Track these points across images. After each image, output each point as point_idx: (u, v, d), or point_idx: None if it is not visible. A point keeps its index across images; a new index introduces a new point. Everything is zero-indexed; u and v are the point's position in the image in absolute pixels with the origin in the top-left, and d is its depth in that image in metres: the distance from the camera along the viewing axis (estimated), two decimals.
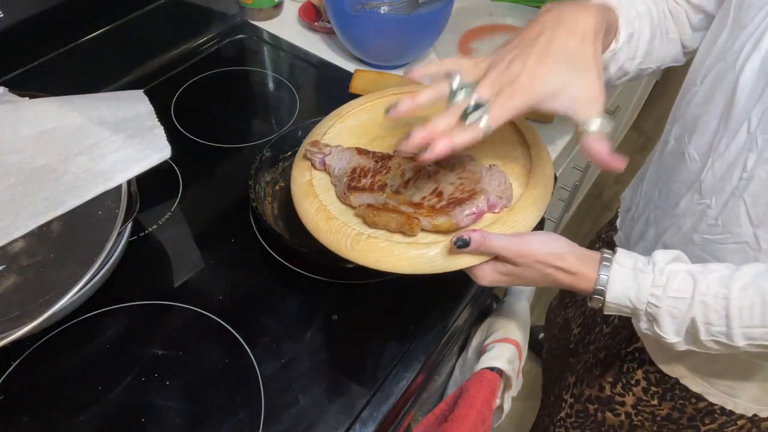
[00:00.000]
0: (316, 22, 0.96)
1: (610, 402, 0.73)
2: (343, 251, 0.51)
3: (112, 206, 0.56)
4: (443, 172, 0.54)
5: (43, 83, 0.73)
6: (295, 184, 0.58)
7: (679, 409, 0.66)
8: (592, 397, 0.75)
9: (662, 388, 0.66)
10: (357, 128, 0.63)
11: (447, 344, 0.62)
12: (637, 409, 0.70)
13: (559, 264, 0.48)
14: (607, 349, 0.73)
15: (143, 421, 0.52)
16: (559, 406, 0.84)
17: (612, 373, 0.71)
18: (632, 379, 0.69)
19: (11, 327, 0.47)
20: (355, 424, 0.53)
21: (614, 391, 0.71)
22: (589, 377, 0.76)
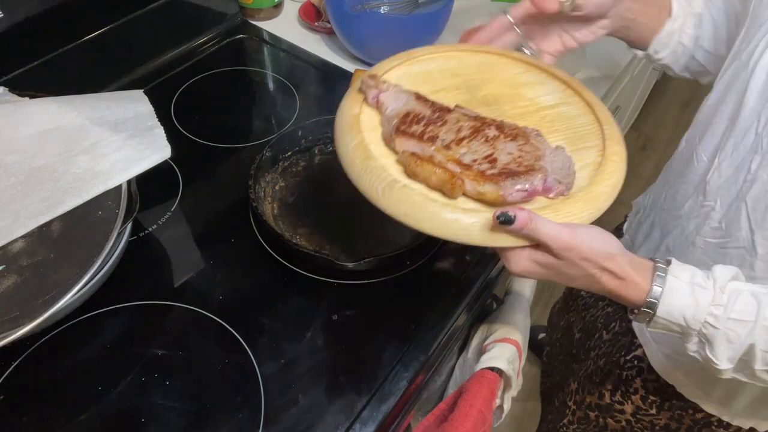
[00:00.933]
0: (316, 22, 0.96)
1: (610, 409, 0.72)
2: (372, 196, 0.47)
3: (112, 206, 0.56)
4: (504, 139, 0.48)
5: (43, 83, 0.73)
6: (341, 116, 0.53)
7: (677, 419, 0.65)
8: (593, 404, 0.75)
9: (660, 398, 0.65)
10: (422, 75, 0.58)
11: (447, 344, 0.62)
12: (636, 417, 0.69)
13: (607, 265, 0.43)
14: (606, 357, 0.73)
15: (143, 421, 0.52)
16: (563, 412, 0.83)
17: (611, 381, 0.70)
18: (631, 388, 0.68)
19: (11, 327, 0.47)
20: (355, 424, 0.53)
21: (614, 398, 0.71)
22: (589, 384, 0.76)
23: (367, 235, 0.67)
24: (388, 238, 0.67)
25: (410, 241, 0.64)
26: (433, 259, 0.66)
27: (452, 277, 0.64)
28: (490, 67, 0.59)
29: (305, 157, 0.75)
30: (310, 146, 0.75)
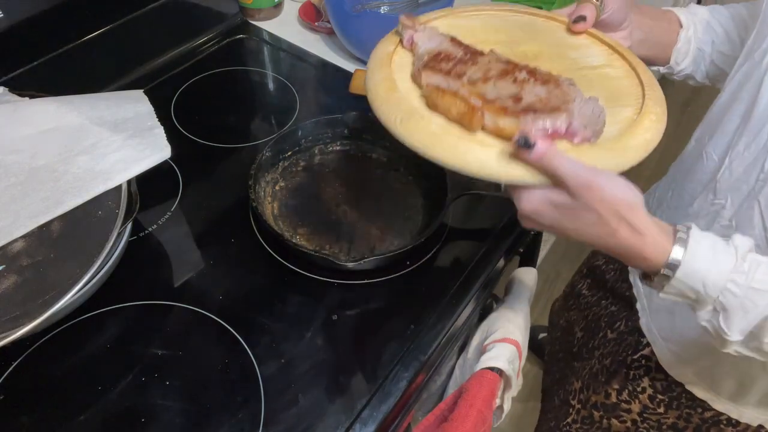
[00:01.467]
0: (316, 22, 0.96)
1: (616, 409, 0.72)
2: (391, 124, 0.47)
3: (112, 206, 0.56)
4: (534, 83, 0.47)
5: (43, 83, 0.73)
6: (374, 53, 0.54)
7: (686, 418, 0.65)
8: (598, 403, 0.74)
9: (668, 396, 0.65)
10: (464, 28, 0.56)
11: (447, 344, 0.62)
12: (643, 416, 0.69)
13: (627, 215, 0.40)
14: (612, 356, 0.72)
15: (143, 421, 0.52)
16: (566, 411, 0.83)
17: (618, 380, 0.70)
18: (638, 387, 0.68)
19: (11, 327, 0.47)
20: (355, 424, 0.53)
21: (620, 398, 0.70)
22: (595, 383, 0.75)
23: (367, 235, 0.67)
24: (388, 237, 0.67)
25: (410, 241, 0.64)
26: (433, 259, 0.66)
27: (452, 276, 0.64)
28: (534, 28, 0.58)
29: (305, 157, 0.75)
30: (310, 146, 0.75)
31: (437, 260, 0.66)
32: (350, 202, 0.70)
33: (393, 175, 0.74)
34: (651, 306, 0.66)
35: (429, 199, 0.71)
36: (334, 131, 0.75)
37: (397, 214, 0.69)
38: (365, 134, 0.75)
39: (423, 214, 0.70)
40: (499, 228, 0.69)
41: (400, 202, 0.71)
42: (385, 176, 0.74)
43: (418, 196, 0.72)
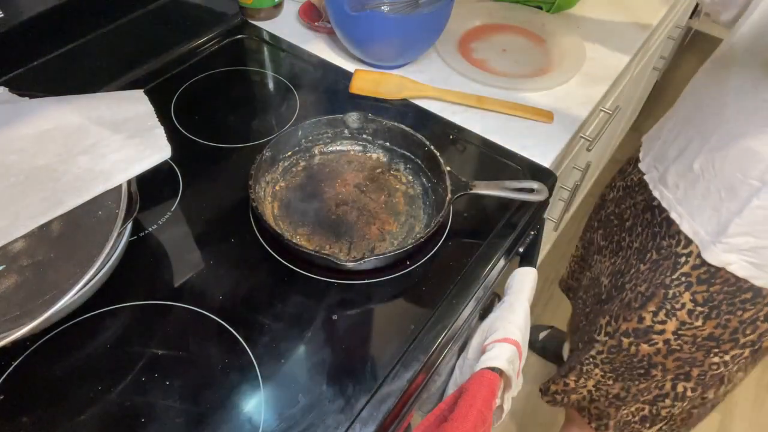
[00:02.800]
0: (316, 22, 0.96)
1: (648, 332, 0.76)
2: None
3: (112, 206, 0.56)
4: None
5: (43, 83, 0.73)
6: None
7: (723, 325, 0.70)
8: (630, 330, 0.78)
9: (709, 307, 0.70)
10: None
11: (447, 344, 0.62)
12: (677, 334, 0.74)
13: None
14: (648, 281, 0.77)
15: (143, 421, 0.52)
16: (590, 347, 0.87)
17: (655, 302, 0.74)
18: (677, 304, 0.72)
19: (11, 327, 0.47)
20: (355, 424, 0.53)
21: (655, 319, 0.75)
22: (626, 312, 0.79)
23: (367, 235, 0.67)
24: (388, 238, 0.67)
25: (410, 241, 0.64)
26: (433, 259, 0.66)
27: (452, 276, 0.64)
28: None
29: (305, 157, 0.75)
30: (310, 146, 0.75)
31: (437, 260, 0.66)
32: (350, 202, 0.70)
33: (393, 175, 0.74)
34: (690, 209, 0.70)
35: (429, 199, 0.71)
36: (334, 131, 0.75)
37: (397, 214, 0.69)
38: (365, 134, 0.75)
39: (423, 214, 0.70)
40: (499, 228, 0.69)
41: (400, 202, 0.71)
42: (385, 176, 0.74)
43: (418, 196, 0.72)
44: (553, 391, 0.97)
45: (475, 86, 0.88)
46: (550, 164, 0.77)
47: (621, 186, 0.89)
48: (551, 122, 0.83)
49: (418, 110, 0.84)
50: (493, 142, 0.79)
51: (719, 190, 0.66)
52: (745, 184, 0.63)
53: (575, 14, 1.05)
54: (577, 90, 0.89)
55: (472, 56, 0.95)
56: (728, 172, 0.64)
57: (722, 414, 1.51)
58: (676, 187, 0.72)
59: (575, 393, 0.94)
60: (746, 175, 0.62)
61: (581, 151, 1.09)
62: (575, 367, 0.91)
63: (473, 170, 0.77)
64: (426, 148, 0.71)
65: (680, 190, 0.72)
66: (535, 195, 0.68)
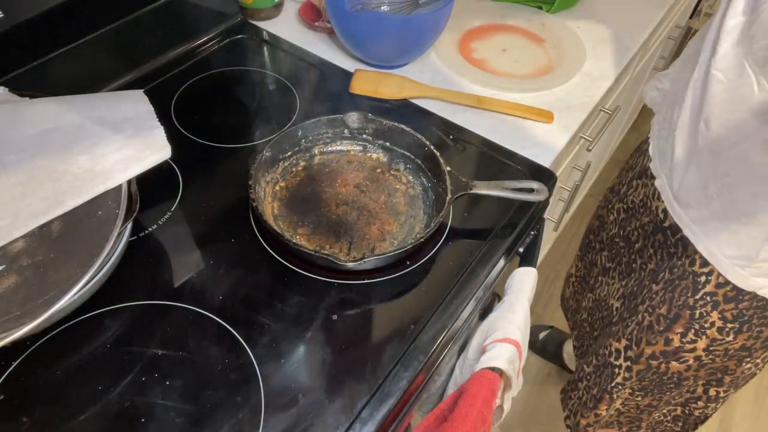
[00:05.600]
0: (316, 22, 0.96)
1: (678, 352, 0.75)
2: None
3: (112, 206, 0.56)
4: None
5: (43, 83, 0.73)
6: None
7: (755, 336, 0.69)
8: (656, 353, 0.77)
9: (739, 322, 0.68)
10: None
11: (447, 344, 0.62)
12: (708, 350, 0.72)
13: None
14: (667, 303, 0.74)
15: (143, 421, 0.52)
16: (611, 374, 0.85)
17: (681, 324, 0.72)
18: (706, 323, 0.70)
19: (11, 327, 0.47)
20: (355, 424, 0.53)
21: (684, 340, 0.73)
22: (649, 335, 0.77)
23: (367, 235, 0.67)
24: (388, 238, 0.67)
25: (410, 241, 0.64)
26: (433, 259, 0.66)
27: (452, 276, 0.64)
28: None
29: (305, 157, 0.75)
30: (310, 146, 0.75)
31: (437, 260, 0.66)
32: (350, 202, 0.70)
33: (393, 175, 0.74)
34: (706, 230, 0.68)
35: (429, 199, 0.71)
36: (334, 131, 0.75)
37: (397, 214, 0.69)
38: (365, 134, 0.75)
39: (423, 214, 0.70)
40: (499, 228, 0.69)
41: (400, 202, 0.71)
42: (385, 176, 0.74)
43: (418, 196, 0.72)
44: (585, 425, 0.95)
45: (475, 86, 0.88)
46: (550, 164, 0.77)
47: (621, 208, 0.87)
48: (551, 122, 0.83)
49: (418, 110, 0.84)
50: (493, 142, 0.79)
51: (738, 216, 0.63)
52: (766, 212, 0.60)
53: (575, 14, 1.05)
54: (577, 90, 0.89)
55: (472, 56, 0.95)
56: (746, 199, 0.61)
57: (722, 414, 1.51)
58: (689, 206, 0.69)
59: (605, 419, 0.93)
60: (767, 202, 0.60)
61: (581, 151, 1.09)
62: (603, 397, 0.88)
63: (473, 170, 0.77)
64: (426, 148, 0.71)
65: (693, 210, 0.69)
66: (535, 195, 0.68)
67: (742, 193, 0.61)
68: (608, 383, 0.85)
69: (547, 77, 0.90)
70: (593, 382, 0.90)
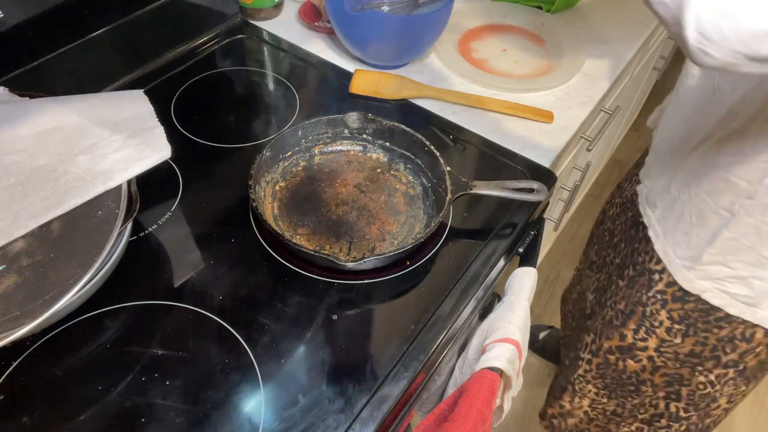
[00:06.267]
0: (316, 22, 0.96)
1: (632, 349, 0.77)
2: None
3: (112, 206, 0.56)
4: None
5: (43, 83, 0.73)
6: None
7: (702, 342, 0.70)
8: (613, 348, 0.79)
9: (685, 324, 0.70)
10: None
11: (447, 344, 0.62)
12: (659, 351, 0.74)
13: None
14: (626, 299, 0.77)
15: (143, 421, 0.52)
16: (575, 365, 0.87)
17: (634, 320, 0.75)
18: (655, 321, 0.72)
19: (11, 327, 0.47)
20: (355, 424, 0.53)
21: (636, 337, 0.75)
22: (608, 330, 0.80)
23: (367, 235, 0.67)
24: (388, 237, 0.67)
25: (410, 241, 0.64)
26: (433, 259, 0.66)
27: (452, 276, 0.64)
28: None
29: (305, 157, 0.75)
30: (310, 146, 0.75)
31: (437, 260, 0.66)
32: (350, 202, 0.70)
33: (393, 175, 0.74)
34: (665, 230, 0.70)
35: (429, 199, 0.71)
36: (334, 131, 0.75)
37: (397, 214, 0.69)
38: (365, 134, 0.75)
39: (423, 214, 0.70)
40: (499, 228, 0.69)
41: (400, 202, 0.71)
42: (385, 176, 0.74)
43: (418, 196, 0.72)
44: (551, 414, 0.97)
45: (475, 86, 0.88)
46: (550, 164, 0.77)
47: (619, 203, 0.89)
48: (551, 122, 0.83)
49: (418, 110, 0.84)
50: (493, 142, 0.79)
51: (691, 215, 0.65)
52: (714, 213, 0.62)
53: (575, 14, 1.05)
54: (577, 90, 0.89)
55: (472, 56, 0.95)
56: (699, 199, 0.63)
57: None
58: (655, 206, 0.72)
59: (572, 416, 0.94)
60: (716, 203, 0.61)
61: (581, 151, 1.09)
62: (566, 387, 0.91)
63: (473, 170, 0.77)
64: (426, 148, 0.71)
65: (659, 210, 0.71)
66: (535, 195, 0.68)
67: (697, 193, 0.63)
68: (572, 374, 0.88)
69: (547, 77, 0.90)
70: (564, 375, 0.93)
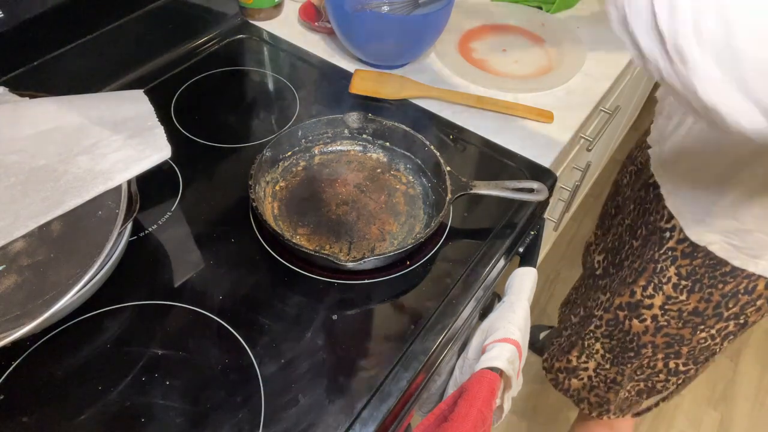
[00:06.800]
0: (316, 22, 0.96)
1: (638, 307, 0.79)
2: None
3: (112, 206, 0.56)
4: None
5: (43, 83, 0.73)
6: None
7: (706, 299, 0.72)
8: (623, 304, 0.81)
9: (692, 280, 0.72)
10: None
11: (447, 344, 0.62)
12: (664, 309, 0.76)
13: None
14: (640, 258, 0.79)
15: (143, 421, 0.52)
16: (588, 322, 0.90)
17: (645, 277, 0.77)
18: (664, 278, 0.75)
19: (11, 327, 0.47)
20: (355, 424, 0.53)
21: (644, 293, 0.77)
22: (621, 287, 0.82)
23: (367, 235, 0.67)
24: (388, 237, 0.67)
25: (410, 241, 0.64)
26: (433, 259, 0.66)
27: (452, 276, 0.64)
28: None
29: (305, 157, 0.75)
30: (310, 146, 0.75)
31: (437, 260, 0.66)
32: (350, 202, 0.70)
33: (393, 175, 0.74)
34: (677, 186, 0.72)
35: (429, 199, 0.71)
36: (334, 131, 0.75)
37: (397, 214, 0.69)
38: (365, 134, 0.75)
39: (423, 214, 0.70)
40: (499, 228, 0.69)
41: (400, 202, 0.71)
42: (385, 176, 0.74)
43: (418, 196, 0.72)
44: (557, 368, 0.98)
45: (475, 86, 0.88)
46: (550, 164, 0.77)
47: (633, 170, 0.91)
48: (551, 122, 0.83)
49: (418, 110, 0.84)
50: (493, 142, 0.79)
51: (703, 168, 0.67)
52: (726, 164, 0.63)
53: (575, 14, 1.05)
54: (577, 90, 0.89)
55: (472, 56, 0.95)
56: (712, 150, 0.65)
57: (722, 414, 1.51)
58: (668, 164, 0.74)
59: (576, 376, 0.95)
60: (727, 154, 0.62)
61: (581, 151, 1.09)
62: (577, 342, 0.92)
63: (473, 170, 0.77)
64: (426, 148, 0.71)
65: (671, 167, 0.73)
66: (535, 195, 0.68)
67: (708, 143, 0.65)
68: (584, 330, 0.90)
69: (547, 77, 0.90)
70: (574, 330, 0.95)
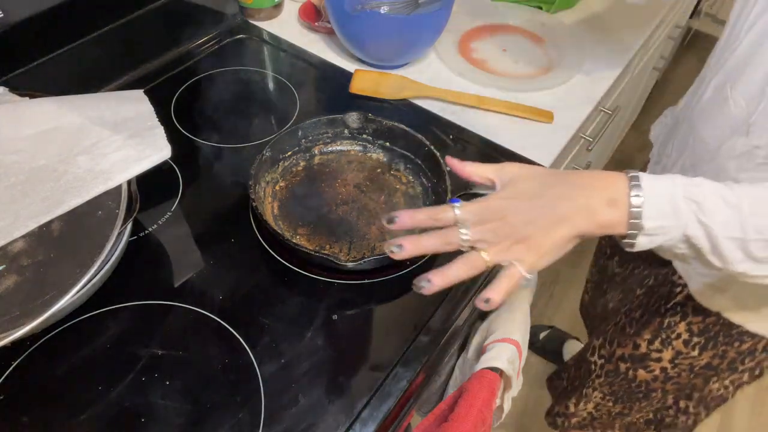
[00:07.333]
0: (316, 22, 0.96)
1: (645, 359, 0.75)
2: None
3: (112, 206, 0.56)
4: None
5: (43, 83, 0.73)
6: None
7: (720, 355, 0.68)
8: (626, 356, 0.78)
9: (705, 337, 0.68)
10: None
11: (447, 344, 0.62)
12: (674, 363, 0.73)
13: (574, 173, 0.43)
14: (643, 308, 0.75)
15: (143, 421, 0.52)
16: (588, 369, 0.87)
17: (650, 330, 0.73)
18: (673, 333, 0.71)
19: (11, 327, 0.47)
20: (355, 424, 0.53)
21: (651, 347, 0.74)
22: (621, 337, 0.79)
23: (367, 235, 0.67)
24: (388, 237, 0.67)
25: None
26: (433, 259, 0.66)
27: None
28: None
29: (305, 157, 0.75)
30: (310, 146, 0.75)
31: (437, 260, 0.66)
32: (350, 202, 0.70)
33: (393, 175, 0.74)
34: None
35: (429, 199, 0.71)
36: (334, 131, 0.75)
37: None
38: (365, 134, 0.75)
39: None
40: None
41: (400, 202, 0.71)
42: (385, 176, 0.74)
43: (418, 196, 0.72)
44: (555, 412, 0.97)
45: (475, 86, 0.88)
46: (550, 164, 0.77)
47: None
48: (551, 122, 0.83)
49: (418, 110, 0.84)
50: (493, 142, 0.79)
51: None
52: None
53: (575, 14, 1.05)
54: (577, 90, 0.89)
55: (472, 56, 0.95)
56: None
57: (722, 414, 1.51)
58: None
59: (575, 416, 0.94)
60: None
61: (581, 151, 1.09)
62: (576, 389, 0.90)
63: None
64: (426, 148, 0.71)
65: None
66: None
67: None
68: (580, 376, 0.88)
69: (547, 77, 0.90)
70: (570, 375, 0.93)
